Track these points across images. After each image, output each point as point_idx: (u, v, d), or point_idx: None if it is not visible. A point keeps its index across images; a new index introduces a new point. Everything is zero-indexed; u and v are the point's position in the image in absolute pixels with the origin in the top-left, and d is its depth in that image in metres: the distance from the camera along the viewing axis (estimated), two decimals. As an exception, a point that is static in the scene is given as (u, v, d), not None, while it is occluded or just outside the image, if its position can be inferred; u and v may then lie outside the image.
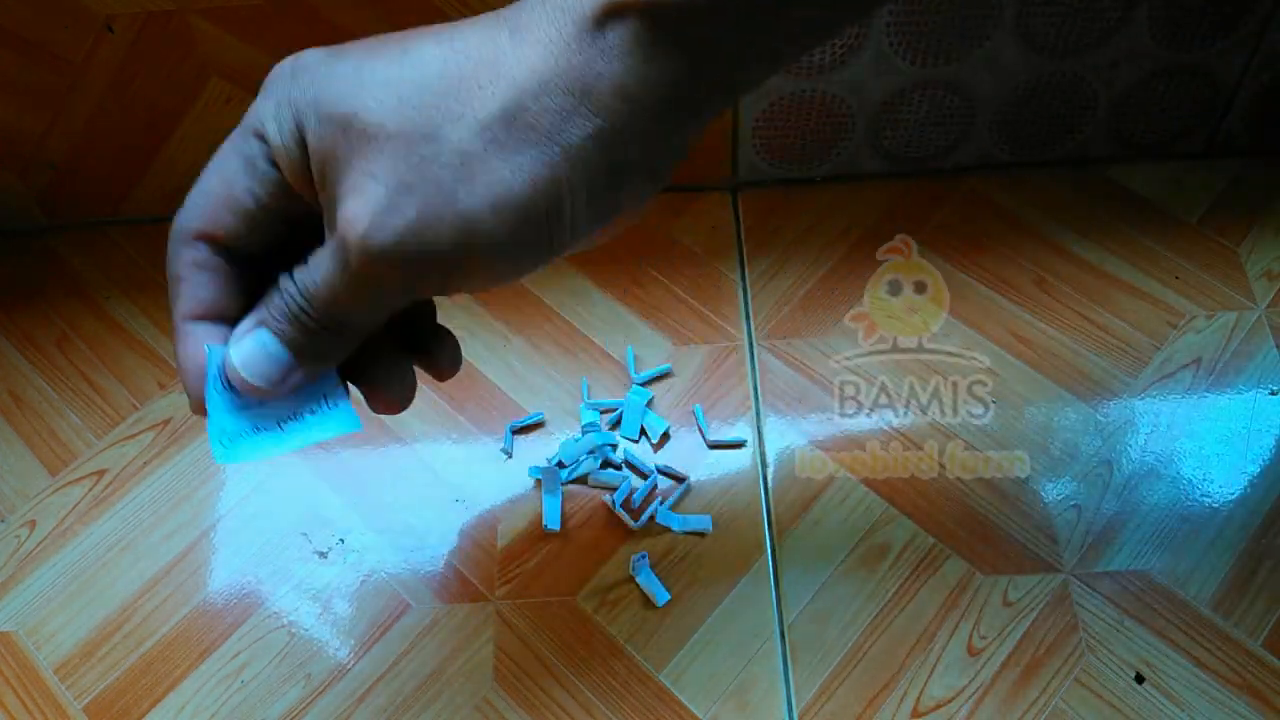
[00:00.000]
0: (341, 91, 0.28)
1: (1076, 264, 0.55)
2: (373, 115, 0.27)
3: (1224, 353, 0.52)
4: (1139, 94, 0.55)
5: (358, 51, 0.29)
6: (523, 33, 0.27)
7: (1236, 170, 0.58)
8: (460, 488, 0.49)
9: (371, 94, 0.28)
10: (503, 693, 0.44)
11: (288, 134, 0.29)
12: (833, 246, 0.56)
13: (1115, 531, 0.47)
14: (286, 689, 0.44)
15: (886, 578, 0.46)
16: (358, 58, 0.29)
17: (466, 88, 0.27)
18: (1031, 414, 0.50)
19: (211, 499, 0.49)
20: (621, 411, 0.50)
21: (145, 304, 0.56)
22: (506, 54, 0.27)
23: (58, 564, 0.48)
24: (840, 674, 0.44)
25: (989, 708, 0.43)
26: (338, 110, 0.28)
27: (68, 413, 0.53)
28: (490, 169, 0.27)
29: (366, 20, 0.50)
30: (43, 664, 0.45)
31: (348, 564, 0.47)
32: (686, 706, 0.43)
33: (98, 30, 0.50)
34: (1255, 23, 0.52)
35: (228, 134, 0.52)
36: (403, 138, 0.27)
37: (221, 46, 0.51)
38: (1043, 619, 0.45)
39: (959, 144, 0.57)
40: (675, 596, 0.46)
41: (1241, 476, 0.48)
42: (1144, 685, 0.43)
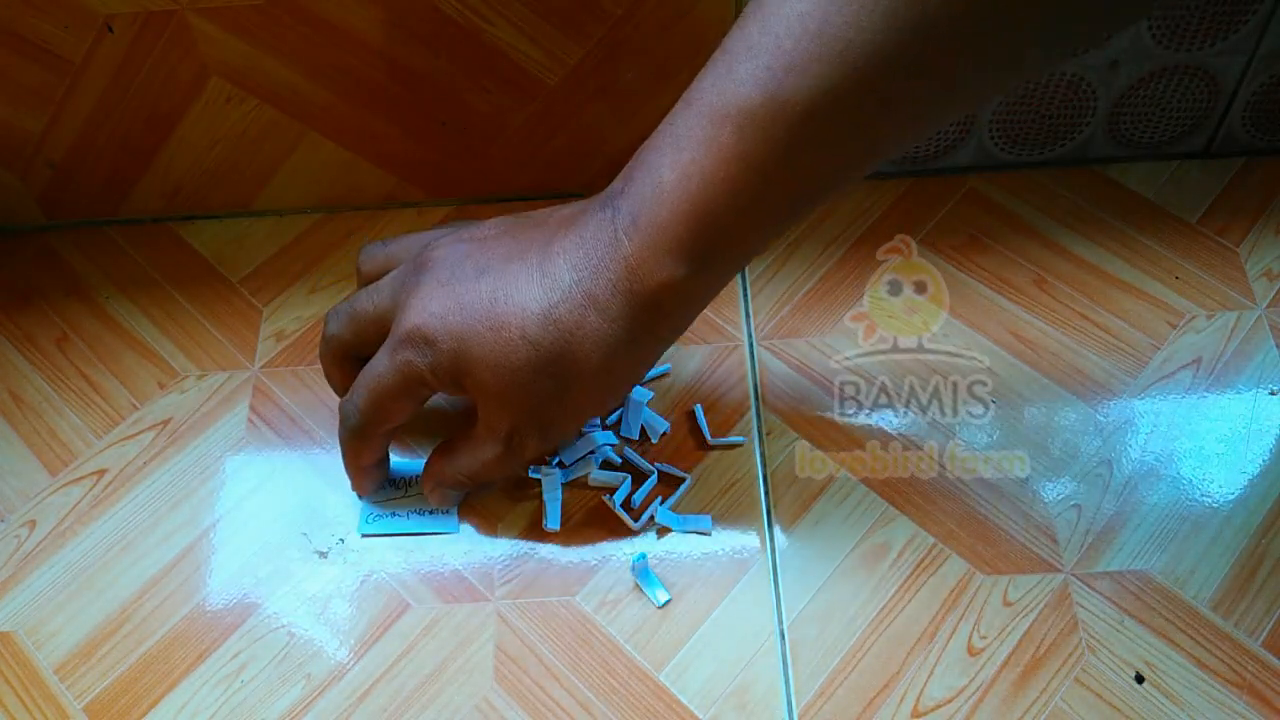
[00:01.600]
0: (489, 369, 0.41)
1: (1076, 264, 0.55)
2: (519, 390, 0.41)
3: (1224, 353, 0.52)
4: (1139, 94, 0.55)
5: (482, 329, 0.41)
6: (606, 313, 0.40)
7: (1236, 170, 0.58)
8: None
9: (515, 374, 0.41)
10: (503, 693, 0.44)
11: (445, 382, 0.42)
12: (833, 246, 0.56)
13: (1115, 531, 0.47)
14: (286, 689, 0.44)
15: (886, 578, 0.46)
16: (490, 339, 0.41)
17: (577, 357, 0.40)
18: (1031, 414, 0.50)
19: (211, 499, 0.49)
20: (621, 411, 0.50)
21: (145, 304, 0.56)
22: (600, 329, 0.40)
23: (58, 564, 0.48)
24: (840, 674, 0.44)
25: (989, 708, 0.43)
26: (489, 384, 0.41)
27: (68, 413, 0.53)
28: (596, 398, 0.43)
29: (367, 20, 0.50)
30: (43, 664, 0.45)
31: (348, 564, 0.47)
32: (686, 706, 0.43)
33: (98, 30, 0.50)
34: (1255, 23, 0.52)
35: (228, 134, 0.53)
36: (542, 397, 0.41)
37: (221, 46, 0.51)
38: (1043, 619, 0.45)
39: (959, 144, 0.57)
40: (675, 596, 0.46)
41: (1241, 476, 0.48)
42: (1144, 685, 0.43)
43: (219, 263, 0.58)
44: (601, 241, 0.39)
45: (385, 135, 0.56)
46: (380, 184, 0.58)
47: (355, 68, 0.52)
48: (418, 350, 0.42)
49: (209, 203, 0.59)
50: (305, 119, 0.55)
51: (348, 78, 0.53)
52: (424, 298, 0.42)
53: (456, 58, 0.52)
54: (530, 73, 0.53)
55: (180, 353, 0.54)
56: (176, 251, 0.58)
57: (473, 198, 0.59)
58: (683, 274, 0.38)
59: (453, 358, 0.41)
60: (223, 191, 0.58)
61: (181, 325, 0.55)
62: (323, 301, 0.56)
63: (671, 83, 0.54)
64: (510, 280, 0.41)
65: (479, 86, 0.54)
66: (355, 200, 0.59)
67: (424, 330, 0.42)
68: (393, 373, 0.43)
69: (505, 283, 0.41)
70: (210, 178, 0.57)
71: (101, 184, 0.57)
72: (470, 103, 0.54)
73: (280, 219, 0.59)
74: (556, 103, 0.54)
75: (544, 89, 0.54)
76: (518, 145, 0.56)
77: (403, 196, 0.59)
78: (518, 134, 0.56)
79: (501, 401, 0.42)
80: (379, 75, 0.53)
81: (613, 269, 0.39)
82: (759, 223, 0.38)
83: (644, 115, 0.55)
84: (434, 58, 0.52)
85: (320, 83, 0.53)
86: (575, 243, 0.40)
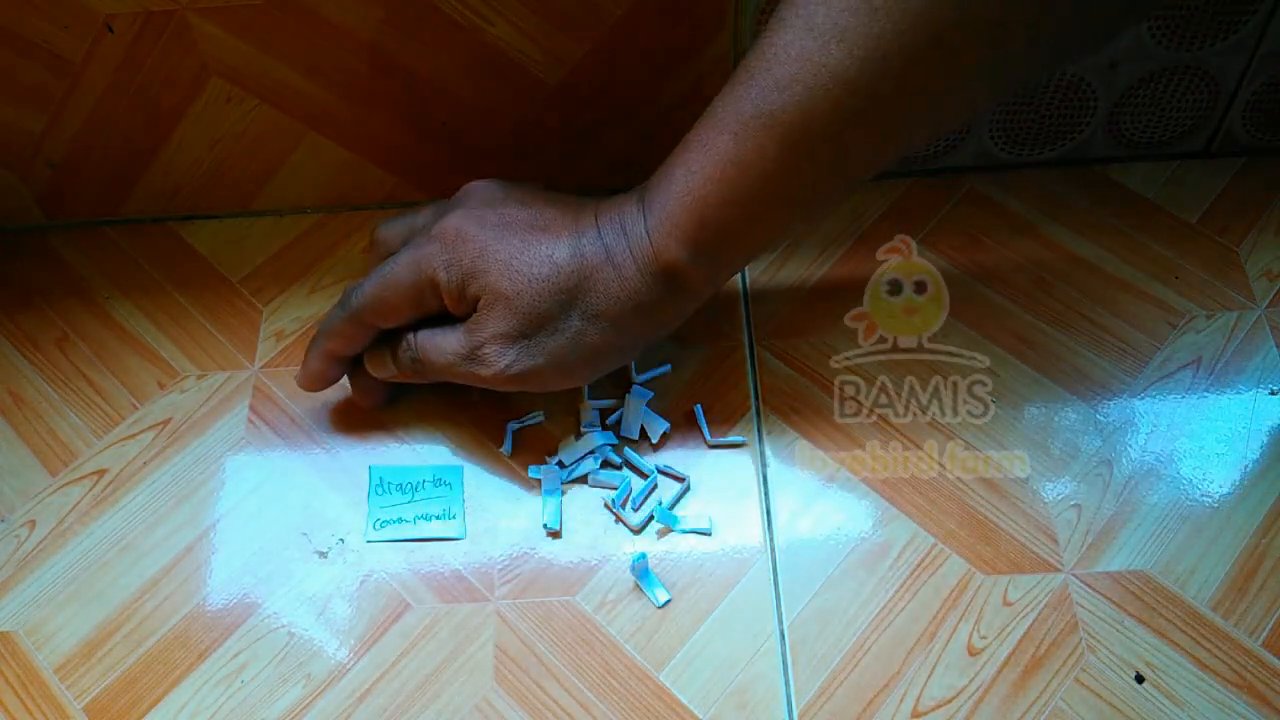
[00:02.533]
0: (505, 274, 0.44)
1: (1076, 264, 0.55)
2: (527, 300, 0.44)
3: (1224, 352, 0.52)
4: (1139, 94, 0.55)
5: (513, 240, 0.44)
6: (620, 269, 0.44)
7: (1236, 170, 0.58)
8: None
9: (528, 284, 0.44)
10: (503, 693, 0.44)
11: (455, 282, 0.44)
12: (833, 246, 0.56)
13: (1115, 531, 0.47)
14: (286, 689, 0.44)
15: (886, 578, 0.46)
16: (515, 247, 0.44)
17: (585, 290, 0.44)
18: (1031, 414, 0.50)
19: (211, 499, 0.49)
20: (621, 411, 0.50)
21: (145, 304, 0.56)
22: (613, 280, 0.44)
23: (58, 564, 0.48)
24: (840, 674, 0.44)
25: (989, 708, 0.43)
26: (502, 288, 0.44)
27: (68, 413, 0.53)
28: (590, 341, 0.45)
29: (367, 20, 0.50)
30: (43, 664, 0.45)
31: (348, 564, 0.47)
32: (686, 706, 0.43)
33: (98, 30, 0.50)
34: (1255, 23, 0.52)
35: (228, 134, 0.53)
36: (544, 317, 0.44)
37: (221, 46, 0.51)
38: (1043, 619, 0.45)
39: (959, 144, 0.57)
40: (675, 596, 0.46)
41: (1241, 476, 0.48)
42: (1144, 685, 0.43)
43: (219, 263, 0.58)
44: (628, 217, 0.44)
45: (385, 135, 0.56)
46: (380, 184, 0.58)
47: (355, 68, 0.52)
48: (444, 245, 0.45)
49: (209, 203, 0.59)
50: (305, 119, 0.55)
51: (348, 78, 0.53)
52: (464, 210, 0.46)
53: (456, 58, 0.52)
54: (530, 73, 0.53)
55: (180, 353, 0.54)
56: (176, 251, 0.58)
57: (473, 198, 0.59)
58: (686, 258, 0.43)
59: (475, 256, 0.44)
60: (223, 191, 0.58)
61: (181, 325, 0.55)
62: (323, 301, 0.56)
63: (671, 83, 0.54)
64: (549, 218, 0.45)
65: (479, 86, 0.54)
66: (355, 200, 0.59)
67: (458, 228, 0.45)
68: (409, 264, 0.45)
69: (544, 218, 0.45)
70: (210, 178, 0.57)
71: (101, 184, 0.57)
72: (470, 103, 0.54)
73: (280, 219, 0.59)
74: (556, 103, 0.54)
75: (544, 89, 0.54)
76: (518, 145, 0.56)
77: (403, 196, 0.59)
78: (518, 134, 0.56)
79: (505, 304, 0.44)
80: (379, 75, 0.53)
81: (631, 239, 0.44)
82: (752, 222, 0.43)
83: (644, 115, 0.55)
84: (434, 58, 0.52)
85: (320, 83, 0.53)
86: (608, 211, 0.45)
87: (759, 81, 0.40)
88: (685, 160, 0.43)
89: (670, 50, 0.52)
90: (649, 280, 0.44)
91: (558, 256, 0.44)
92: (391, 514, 0.48)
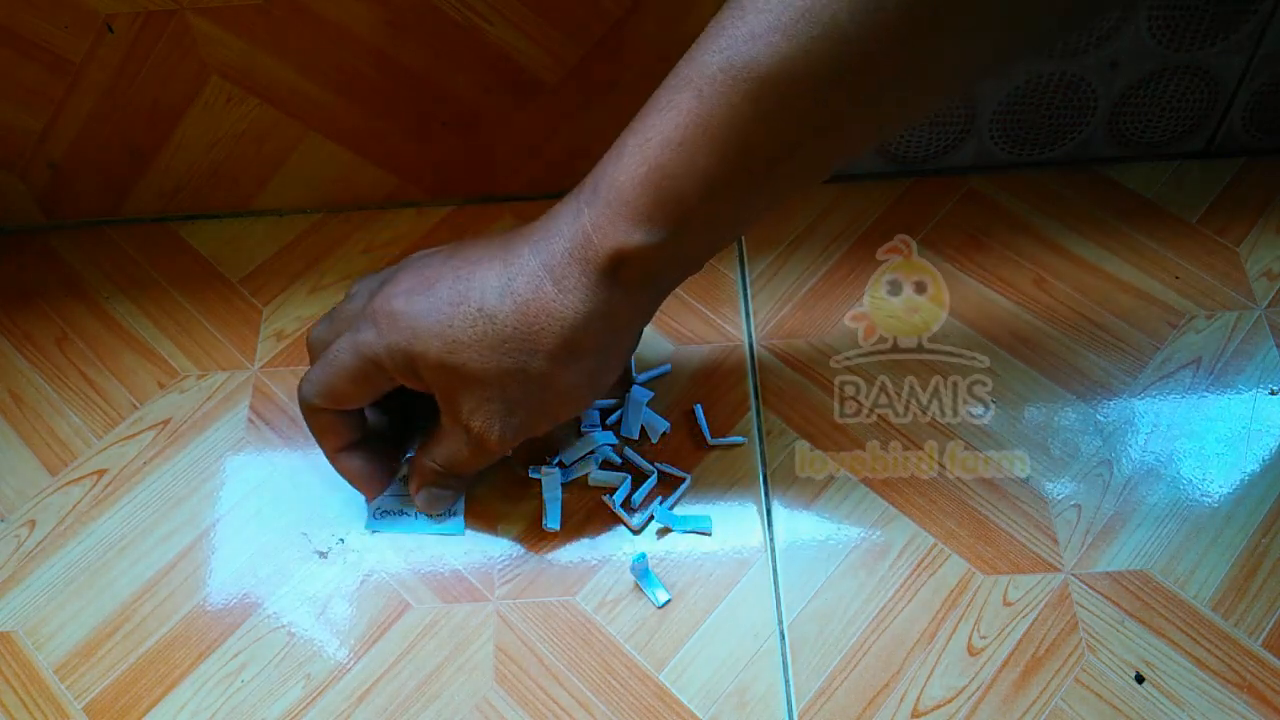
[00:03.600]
0: (443, 349, 0.40)
1: (1076, 264, 0.55)
2: (476, 367, 0.40)
3: (1224, 353, 0.52)
4: (1139, 94, 0.55)
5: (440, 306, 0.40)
6: (562, 283, 0.39)
7: (1236, 170, 0.58)
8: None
9: (470, 351, 0.40)
10: (503, 693, 0.44)
11: (402, 367, 0.41)
12: (833, 246, 0.56)
13: (1115, 531, 0.47)
14: (286, 689, 0.44)
15: (886, 578, 0.46)
16: (444, 315, 0.40)
17: (534, 331, 0.40)
18: (1031, 414, 0.50)
19: (211, 499, 0.49)
20: (621, 411, 0.50)
21: (145, 304, 0.56)
22: (555, 300, 0.39)
23: (58, 564, 0.48)
24: (840, 674, 0.44)
25: (989, 708, 0.43)
26: (445, 364, 0.40)
27: (68, 412, 0.53)
28: (563, 380, 0.41)
29: (367, 20, 0.50)
30: (43, 664, 0.45)
31: (348, 564, 0.47)
32: (686, 706, 0.43)
33: (98, 30, 0.50)
34: (1255, 23, 0.52)
35: (228, 134, 0.53)
36: (502, 374, 0.40)
37: (221, 46, 0.51)
38: (1043, 619, 0.45)
39: (959, 144, 0.57)
40: (675, 596, 0.46)
41: (1241, 476, 0.48)
42: (1144, 685, 0.43)
43: (219, 263, 0.58)
44: (564, 219, 0.40)
45: (385, 135, 0.56)
46: (380, 184, 0.58)
47: (355, 68, 0.52)
48: (377, 329, 0.41)
49: (209, 203, 0.59)
50: (305, 119, 0.55)
51: (348, 78, 0.53)
52: (392, 284, 0.42)
53: (456, 58, 0.52)
54: (530, 73, 0.53)
55: (180, 353, 0.54)
56: (176, 251, 0.58)
57: (473, 197, 0.59)
58: (639, 240, 0.38)
59: (411, 338, 0.40)
60: (223, 191, 0.58)
61: (181, 325, 0.55)
62: (323, 301, 0.56)
63: (671, 83, 0.54)
64: (477, 265, 0.41)
65: (479, 86, 0.54)
66: (355, 200, 0.59)
67: (389, 310, 0.41)
68: (350, 350, 0.42)
69: (471, 267, 0.41)
70: (210, 178, 0.57)
71: (101, 184, 0.57)
72: (470, 103, 0.54)
73: (280, 219, 0.59)
74: (556, 103, 0.54)
75: (544, 89, 0.54)
76: (518, 145, 0.56)
77: (403, 196, 0.59)
78: (518, 134, 0.56)
79: (459, 382, 0.41)
80: (379, 75, 0.53)
81: (569, 238, 0.39)
82: (716, 192, 0.37)
83: (644, 115, 0.55)
84: (434, 58, 0.52)
85: (320, 83, 0.53)
86: (541, 226, 0.40)
87: (730, 32, 0.35)
88: (639, 129, 0.38)
89: (670, 50, 0.52)
90: (595, 281, 0.39)
91: (488, 304, 0.40)
92: (393, 504, 0.48)
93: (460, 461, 0.44)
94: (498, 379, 0.40)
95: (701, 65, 0.36)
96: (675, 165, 0.37)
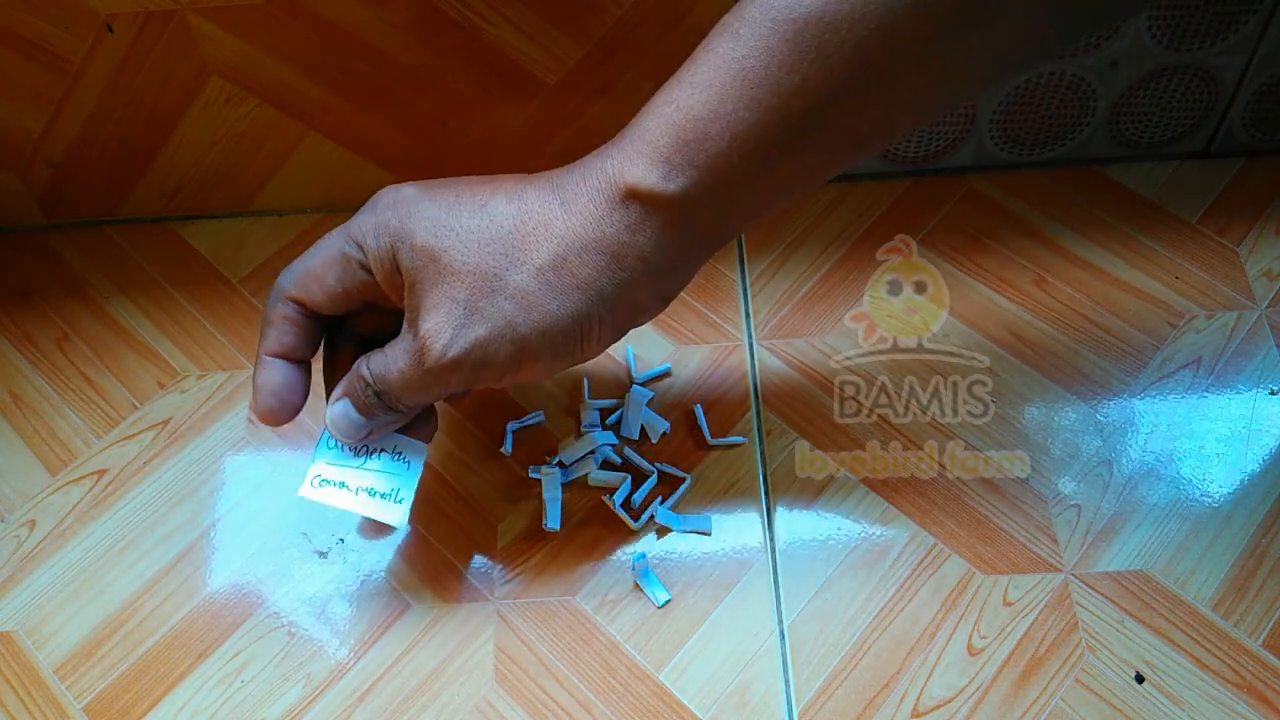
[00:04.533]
0: (432, 231, 0.37)
1: (1076, 264, 0.55)
2: (457, 255, 0.37)
3: (1224, 352, 0.52)
4: (1139, 94, 0.55)
5: (447, 197, 0.38)
6: (570, 204, 0.37)
7: (1236, 170, 0.58)
8: (460, 488, 0.49)
9: (457, 238, 0.37)
10: (503, 693, 0.44)
11: (384, 250, 0.38)
12: (833, 246, 0.56)
13: (1115, 531, 0.47)
14: (286, 689, 0.44)
15: (886, 578, 0.46)
16: (447, 203, 0.38)
17: (527, 241, 0.37)
18: (1031, 414, 0.50)
19: (211, 499, 0.49)
20: (621, 411, 0.50)
21: (145, 304, 0.56)
22: (558, 218, 0.37)
23: (58, 564, 0.48)
24: (840, 674, 0.44)
25: (989, 708, 0.43)
26: (427, 247, 0.37)
27: (68, 412, 0.53)
28: (541, 304, 0.37)
29: (367, 20, 0.50)
30: (43, 664, 0.45)
31: (348, 564, 0.47)
32: (686, 706, 0.43)
33: (98, 30, 0.50)
34: (1255, 23, 0.52)
35: (228, 134, 0.54)
36: (478, 274, 0.37)
37: (221, 46, 0.51)
38: (1043, 619, 0.45)
39: (959, 144, 0.57)
40: (675, 596, 0.46)
41: (1241, 476, 0.48)
42: (1144, 685, 0.43)
43: (219, 263, 0.58)
44: (592, 158, 0.38)
45: (385, 135, 0.56)
46: (380, 184, 0.58)
47: (355, 68, 0.52)
48: (375, 210, 0.39)
49: (209, 203, 0.59)
50: (305, 119, 0.55)
51: (348, 78, 0.53)
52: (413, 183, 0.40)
53: (456, 58, 0.52)
54: (530, 73, 0.53)
55: (180, 353, 0.54)
56: (176, 251, 0.58)
57: (473, 198, 0.59)
58: (654, 180, 0.36)
59: (405, 216, 0.38)
60: (223, 191, 0.58)
61: (181, 325, 0.55)
62: (323, 301, 0.56)
63: (671, 83, 0.54)
64: (498, 179, 0.39)
65: (479, 86, 0.54)
66: (355, 200, 0.59)
67: (396, 191, 0.39)
68: (337, 233, 0.40)
69: (493, 180, 0.39)
70: (210, 178, 0.57)
71: (101, 184, 0.57)
72: (470, 103, 0.54)
73: (280, 219, 0.59)
74: (556, 103, 0.54)
75: (544, 89, 0.54)
76: (518, 145, 0.56)
77: (403, 196, 0.59)
78: (518, 134, 0.56)
79: (433, 271, 0.37)
80: (379, 75, 0.53)
81: (588, 167, 0.38)
82: (745, 142, 0.35)
83: (644, 115, 0.55)
84: (434, 58, 0.52)
85: (320, 83, 0.53)
86: (571, 165, 0.39)
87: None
88: (675, 77, 0.36)
89: (670, 50, 0.52)
90: (603, 210, 0.37)
91: (493, 205, 0.38)
92: (336, 474, 0.44)
93: (393, 374, 0.39)
94: (473, 277, 0.37)
95: (740, 9, 0.35)
96: (703, 107, 0.35)
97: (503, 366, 0.38)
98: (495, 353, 0.38)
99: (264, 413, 0.42)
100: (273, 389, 0.41)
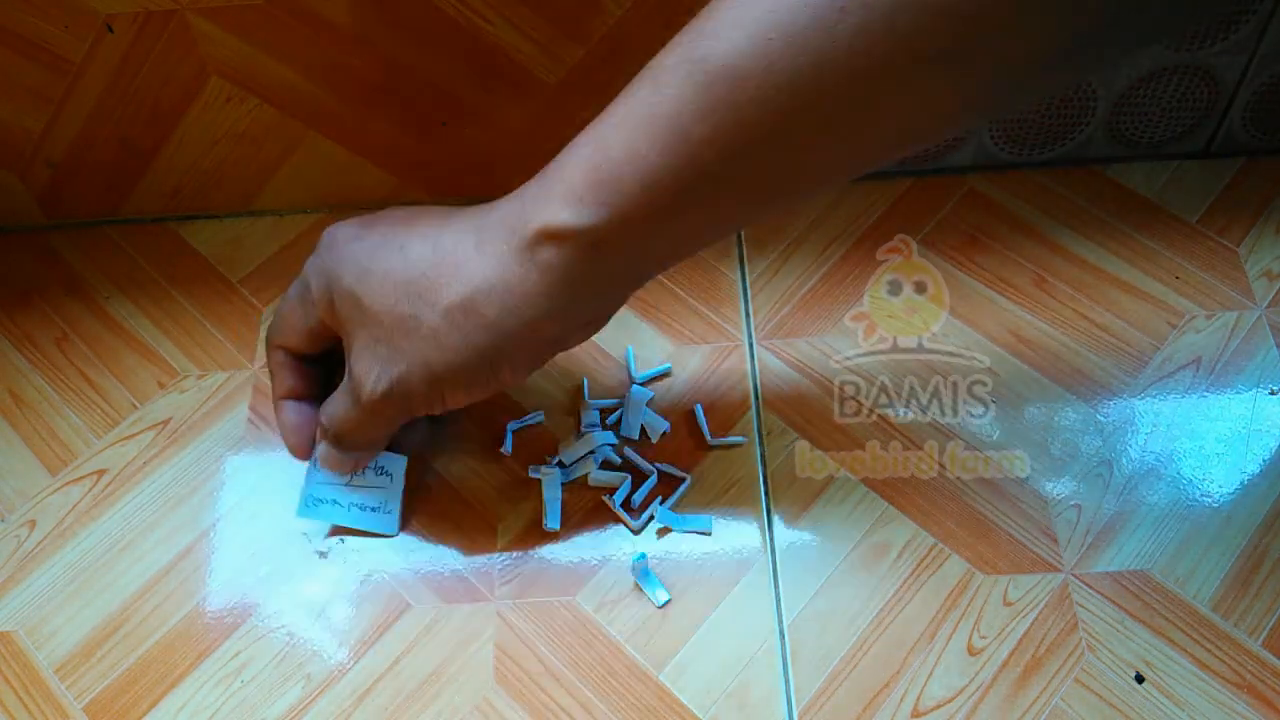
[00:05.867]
0: (356, 275, 0.40)
1: (1076, 264, 0.55)
2: (376, 299, 0.40)
3: (1224, 352, 0.52)
4: (1139, 94, 0.55)
5: (373, 238, 0.41)
6: (484, 245, 0.39)
7: (1236, 170, 0.58)
8: (460, 488, 0.49)
9: (378, 282, 0.40)
10: (503, 693, 0.44)
11: (321, 293, 0.42)
12: (833, 246, 0.56)
13: (1115, 531, 0.47)
14: (286, 689, 0.44)
15: (886, 578, 0.46)
16: (372, 245, 0.41)
17: (439, 283, 0.39)
18: (1031, 414, 0.50)
19: (211, 499, 0.49)
20: (621, 411, 0.50)
21: (145, 304, 0.56)
22: (471, 259, 0.39)
23: (58, 564, 0.48)
24: (840, 674, 0.44)
25: (989, 708, 0.43)
26: (352, 292, 0.40)
27: (68, 412, 0.53)
28: (450, 343, 0.39)
29: (366, 20, 0.50)
30: (43, 664, 0.45)
31: (348, 564, 0.47)
32: (686, 706, 0.43)
33: (98, 30, 0.50)
34: (1255, 23, 0.52)
35: (228, 134, 0.53)
36: (395, 316, 0.39)
37: (221, 46, 0.51)
38: (1043, 619, 0.45)
39: (959, 144, 0.57)
40: (675, 596, 0.46)
41: (1241, 476, 0.48)
42: (1144, 685, 0.43)
43: (219, 263, 0.58)
44: (510, 197, 0.39)
45: (385, 135, 0.56)
46: (380, 184, 0.58)
47: (355, 68, 0.52)
48: (317, 253, 0.42)
49: (209, 203, 0.59)
50: (305, 119, 0.55)
51: (348, 78, 0.53)
52: (349, 222, 0.43)
53: (456, 58, 0.52)
54: (530, 73, 0.53)
55: (180, 353, 0.54)
56: (176, 251, 0.58)
57: (473, 197, 0.59)
58: (566, 218, 0.36)
59: (336, 260, 0.41)
60: (223, 191, 0.58)
61: (181, 325, 0.55)
62: (323, 301, 0.56)
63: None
64: (423, 216, 0.41)
65: (479, 86, 0.54)
66: (355, 200, 0.59)
67: (332, 235, 0.42)
68: (297, 280, 0.43)
69: (418, 218, 0.41)
70: (210, 178, 0.57)
71: (101, 184, 0.57)
72: (470, 103, 0.54)
73: (280, 219, 0.59)
74: (556, 103, 0.54)
75: (544, 89, 0.54)
76: (518, 145, 0.56)
77: (402, 196, 0.59)
78: (518, 134, 0.56)
79: (359, 316, 0.40)
80: (379, 75, 0.53)
81: (507, 206, 0.39)
82: (655, 184, 0.36)
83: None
84: (434, 58, 0.52)
85: (320, 83, 0.53)
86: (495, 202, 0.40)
87: (695, 27, 0.35)
88: (598, 118, 0.37)
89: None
90: (515, 250, 0.38)
91: (410, 247, 0.40)
92: (327, 494, 0.47)
93: (340, 416, 0.43)
94: (390, 321, 0.39)
95: (663, 57, 0.36)
96: (619, 149, 0.36)
97: (427, 397, 0.41)
98: (415, 387, 0.40)
99: (291, 449, 0.46)
100: (291, 427, 0.46)
